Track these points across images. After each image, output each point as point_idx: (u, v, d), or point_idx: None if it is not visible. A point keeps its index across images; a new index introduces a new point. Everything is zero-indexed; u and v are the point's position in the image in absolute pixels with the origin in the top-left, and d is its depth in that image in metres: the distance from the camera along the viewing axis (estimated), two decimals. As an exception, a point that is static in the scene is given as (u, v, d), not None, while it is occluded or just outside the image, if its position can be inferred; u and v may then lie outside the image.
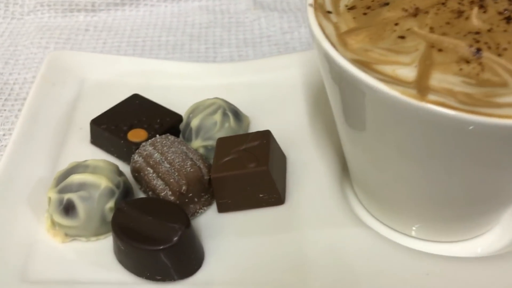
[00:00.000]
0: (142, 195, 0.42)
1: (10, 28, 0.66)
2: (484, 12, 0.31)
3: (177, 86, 0.53)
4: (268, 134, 0.41)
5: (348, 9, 0.33)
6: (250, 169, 0.38)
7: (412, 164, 0.31)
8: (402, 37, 0.30)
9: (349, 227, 0.38)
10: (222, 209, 0.40)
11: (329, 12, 0.33)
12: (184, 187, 0.39)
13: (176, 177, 0.39)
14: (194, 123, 0.44)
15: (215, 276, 0.37)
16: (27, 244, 0.38)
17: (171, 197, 0.39)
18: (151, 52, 0.63)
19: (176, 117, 0.47)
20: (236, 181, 0.39)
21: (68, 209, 0.38)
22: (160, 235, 0.35)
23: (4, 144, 0.50)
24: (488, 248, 0.39)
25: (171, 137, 0.43)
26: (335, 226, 0.38)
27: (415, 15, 0.32)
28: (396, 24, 0.31)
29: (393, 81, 0.28)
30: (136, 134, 0.44)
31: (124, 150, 0.44)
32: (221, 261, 0.37)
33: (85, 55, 0.55)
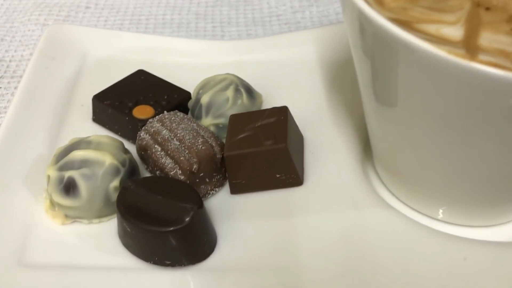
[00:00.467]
0: (149, 176, 0.39)
1: (6, 5, 0.63)
2: (533, -30, 0.28)
3: (184, 63, 0.50)
4: (285, 110, 0.38)
5: (380, -32, 0.30)
6: (267, 147, 0.35)
7: (452, 137, 0.28)
8: (443, -4, 0.27)
9: (373, 209, 0.35)
10: (235, 190, 0.37)
11: (360, -29, 0.30)
12: (195, 166, 0.36)
13: (187, 155, 0.36)
14: (204, 100, 0.41)
15: (228, 262, 0.34)
16: (24, 226, 0.35)
17: (181, 177, 0.36)
18: (155, 31, 0.59)
19: (184, 94, 0.44)
20: (252, 159, 0.36)
21: (69, 188, 0.34)
22: (170, 215, 0.32)
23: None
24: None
25: (180, 113, 0.39)
26: (357, 208, 0.36)
27: (456, -27, 0.29)
28: (436, -18, 0.28)
29: (437, 40, 0.25)
30: (142, 111, 0.41)
31: (129, 127, 0.41)
32: (235, 245, 0.34)
33: (87, 29, 0.52)
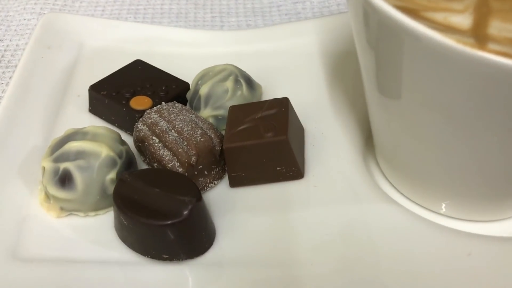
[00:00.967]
0: (146, 168, 0.38)
1: (1, -7, 0.62)
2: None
3: (183, 54, 0.49)
4: (286, 102, 0.37)
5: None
6: (267, 139, 0.34)
7: (458, 129, 0.27)
8: (451, -16, 0.26)
9: (375, 203, 0.35)
10: (235, 183, 0.36)
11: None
12: (193, 158, 0.35)
13: (185, 147, 0.35)
14: (203, 91, 0.40)
15: (227, 256, 0.33)
16: (19, 219, 0.35)
17: (179, 169, 0.35)
18: (153, 21, 0.58)
19: (183, 84, 0.43)
20: (251, 152, 0.35)
21: (64, 180, 0.34)
22: (168, 209, 0.31)
23: (-6, 113, 0.46)
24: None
25: (178, 104, 0.39)
26: (359, 202, 0.35)
27: (464, -40, 0.28)
28: (444, -31, 0.27)
29: (445, 29, 0.24)
30: (140, 102, 0.40)
31: (126, 118, 0.40)
32: (234, 240, 0.34)
33: (83, 18, 0.51)
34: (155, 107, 0.38)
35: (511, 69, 0.22)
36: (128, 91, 0.41)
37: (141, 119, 0.38)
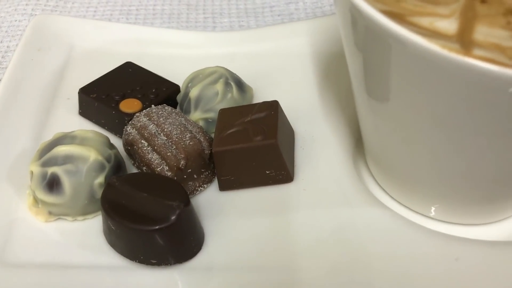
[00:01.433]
0: (135, 171, 0.38)
1: (-7, -6, 0.61)
2: (531, -40, 0.27)
3: (174, 55, 0.49)
4: (276, 105, 0.37)
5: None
6: (256, 142, 0.34)
7: (444, 133, 0.27)
8: (438, -12, 0.26)
9: (365, 206, 0.34)
10: (224, 187, 0.36)
11: (351, -39, 0.29)
12: (182, 162, 0.35)
13: (174, 150, 0.35)
14: (193, 93, 0.40)
15: (216, 261, 0.33)
16: (7, 224, 0.35)
17: (168, 173, 0.35)
18: (145, 22, 0.58)
19: (173, 87, 0.42)
20: (241, 155, 0.35)
21: (52, 184, 0.33)
22: (156, 213, 0.31)
23: (-16, 116, 0.46)
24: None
25: (168, 107, 0.38)
26: (348, 206, 0.35)
27: (451, -36, 0.28)
28: (431, -27, 0.27)
29: (431, 34, 0.24)
30: (129, 104, 0.40)
31: (115, 121, 0.40)
32: (223, 244, 0.34)
33: (74, 20, 0.50)
34: (144, 110, 0.38)
35: (496, 75, 0.22)
36: (118, 93, 0.41)
37: (130, 122, 0.38)
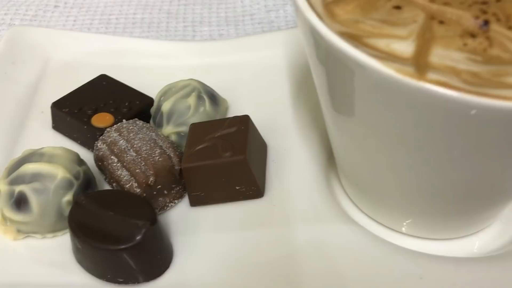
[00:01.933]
0: (107, 187, 0.38)
1: (-29, 3, 0.61)
2: (491, -20, 0.27)
3: (151, 66, 0.49)
4: (246, 120, 0.37)
5: (336, -25, 0.29)
6: (225, 159, 0.34)
7: (406, 152, 0.27)
8: (397, 7, 0.26)
9: (335, 222, 0.34)
10: (195, 202, 0.36)
11: (315, -21, 0.29)
12: (151, 179, 0.34)
13: (143, 167, 0.35)
14: (165, 107, 0.40)
15: (185, 278, 0.33)
16: (-25, 242, 0.34)
17: (137, 190, 0.34)
18: (124, 31, 0.58)
19: (146, 100, 0.42)
20: (210, 172, 0.34)
21: (19, 202, 0.33)
22: (121, 233, 0.31)
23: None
24: (486, 247, 0.36)
25: (139, 122, 0.38)
26: (319, 221, 0.35)
27: (412, -18, 0.27)
28: (392, -8, 0.27)
29: (387, 57, 0.24)
30: (101, 119, 0.40)
31: (87, 136, 0.40)
32: (193, 260, 0.33)
33: (51, 32, 0.50)
34: (115, 125, 0.38)
35: (449, 98, 0.22)
36: (90, 108, 0.41)
37: (101, 137, 0.38)
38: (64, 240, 0.35)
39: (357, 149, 0.31)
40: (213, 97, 0.41)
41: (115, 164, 0.36)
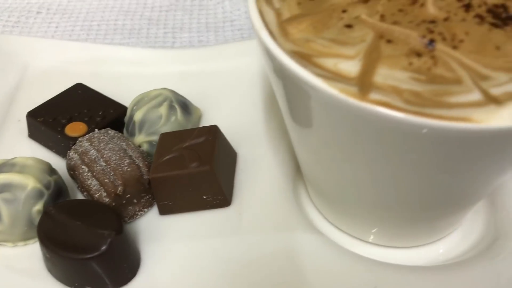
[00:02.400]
0: (80, 195, 0.39)
1: (-47, 10, 0.62)
2: (441, -1, 0.28)
3: (129, 74, 0.50)
4: (215, 130, 0.38)
5: (294, -7, 0.30)
6: (191, 169, 0.35)
7: (356, 166, 0.28)
8: (349, 26, 0.27)
9: (299, 231, 0.35)
10: (164, 211, 0.37)
11: (273, -3, 0.30)
12: (120, 188, 0.35)
13: (112, 177, 0.36)
14: (137, 117, 0.40)
15: (152, 285, 0.34)
16: None
17: (106, 199, 0.35)
18: (105, 37, 0.59)
19: (121, 108, 0.43)
20: (177, 182, 0.35)
21: (-10, 212, 0.34)
22: (88, 242, 0.32)
23: None
24: (450, 253, 0.37)
25: (111, 131, 0.39)
26: (284, 231, 0.35)
27: (366, 1, 0.28)
28: (344, 11, 0.28)
29: (333, 76, 0.24)
30: (75, 128, 0.41)
31: (61, 145, 0.41)
32: (160, 268, 0.34)
33: (29, 40, 0.51)
34: (87, 135, 0.39)
35: (388, 118, 0.23)
36: (64, 117, 0.42)
37: (73, 147, 0.38)
38: (35, 248, 0.35)
39: (314, 160, 0.32)
40: (185, 106, 0.42)
41: (85, 174, 0.37)
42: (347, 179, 0.30)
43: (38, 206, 0.35)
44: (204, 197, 0.36)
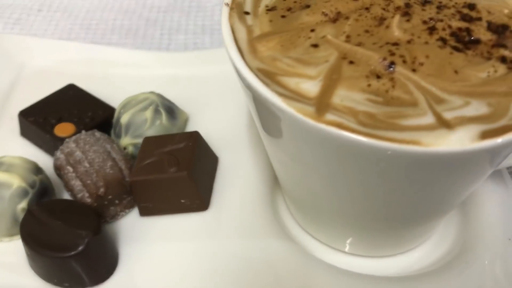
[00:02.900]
0: (66, 194, 0.40)
1: (-45, 6, 0.63)
2: (407, 21, 0.29)
3: (122, 76, 0.51)
4: (195, 136, 0.39)
5: (268, 10, 0.31)
6: (169, 174, 0.36)
7: (319, 180, 0.29)
8: (315, 46, 0.28)
9: (274, 239, 0.36)
10: (144, 212, 0.38)
11: (247, 13, 0.31)
12: (102, 189, 0.37)
13: (95, 178, 0.37)
14: (124, 119, 0.42)
15: (128, 283, 0.35)
16: None
17: (88, 199, 0.37)
18: (103, 37, 0.60)
19: (109, 110, 0.44)
20: (156, 185, 0.37)
21: (-23, 209, 0.36)
22: (66, 242, 0.33)
23: None
24: (421, 263, 0.38)
25: (98, 133, 0.40)
26: (259, 237, 0.37)
27: (334, 20, 0.29)
28: (313, 30, 0.29)
29: (294, 96, 0.25)
30: (64, 129, 0.42)
31: (51, 144, 0.42)
32: (136, 267, 0.36)
33: (26, 39, 0.52)
34: (74, 136, 0.40)
35: (341, 139, 0.24)
36: (54, 117, 0.43)
37: (60, 147, 0.40)
38: (20, 244, 0.37)
39: (284, 171, 0.33)
40: (171, 111, 0.43)
41: (70, 174, 0.38)
42: (314, 191, 0.32)
43: (23, 204, 0.36)
44: (182, 201, 0.37)
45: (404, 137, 0.24)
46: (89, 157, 0.38)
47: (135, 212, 0.39)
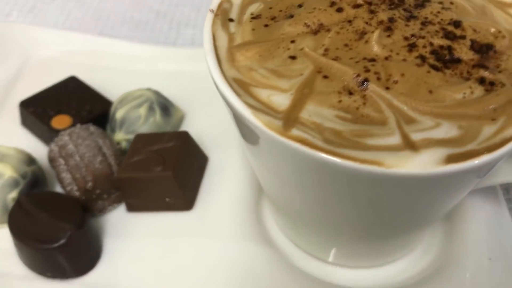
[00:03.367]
0: (59, 186, 0.41)
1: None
2: (388, 36, 0.28)
3: (125, 69, 0.51)
4: (184, 136, 0.39)
5: (252, 18, 0.31)
6: (154, 173, 0.37)
7: (291, 190, 0.29)
8: (293, 58, 0.28)
9: (256, 244, 0.37)
10: (131, 208, 0.39)
11: (231, 20, 0.31)
12: (90, 184, 0.38)
13: (84, 172, 0.38)
14: (118, 115, 0.43)
15: (109, 276, 0.36)
16: None
17: (77, 193, 0.38)
18: (112, 29, 0.61)
19: (108, 105, 0.45)
20: (141, 183, 0.37)
21: (-31, 196, 0.37)
22: (50, 234, 0.34)
23: None
24: (403, 274, 0.37)
25: (92, 127, 0.41)
26: (240, 241, 0.37)
27: (316, 32, 0.29)
28: (293, 41, 0.29)
29: (264, 108, 0.26)
30: (61, 121, 0.43)
31: (48, 135, 0.43)
32: (118, 263, 0.37)
33: (32, 29, 0.53)
34: (68, 129, 0.41)
35: (305, 155, 0.24)
36: (53, 109, 0.44)
37: (55, 139, 0.41)
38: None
39: (262, 179, 0.33)
40: (166, 108, 0.44)
41: (61, 166, 0.39)
42: (291, 200, 0.32)
43: (13, 194, 0.37)
44: (167, 199, 0.38)
45: (367, 157, 0.24)
46: (80, 151, 0.39)
47: (123, 207, 0.40)
